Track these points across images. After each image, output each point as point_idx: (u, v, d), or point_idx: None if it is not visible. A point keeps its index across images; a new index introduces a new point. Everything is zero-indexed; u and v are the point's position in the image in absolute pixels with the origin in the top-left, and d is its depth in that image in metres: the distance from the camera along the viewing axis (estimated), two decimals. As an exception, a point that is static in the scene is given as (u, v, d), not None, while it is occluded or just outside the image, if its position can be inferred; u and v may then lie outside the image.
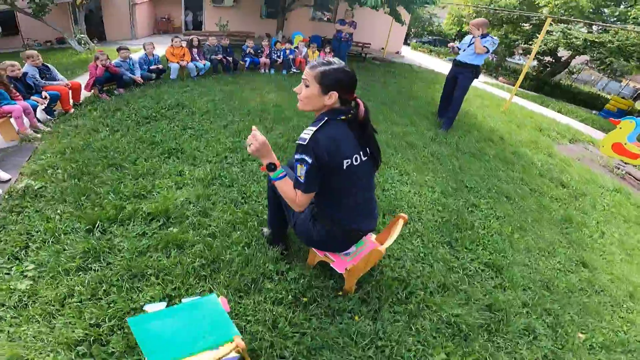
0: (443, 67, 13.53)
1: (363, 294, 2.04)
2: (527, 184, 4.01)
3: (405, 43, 18.55)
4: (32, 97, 4.01)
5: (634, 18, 10.81)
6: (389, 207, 2.96)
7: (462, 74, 4.97)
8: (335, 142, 1.51)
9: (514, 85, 13.16)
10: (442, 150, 4.39)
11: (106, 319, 1.68)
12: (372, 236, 2.18)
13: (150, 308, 1.65)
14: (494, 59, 17.54)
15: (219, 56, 6.56)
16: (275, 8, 12.10)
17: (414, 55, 16.55)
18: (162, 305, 1.69)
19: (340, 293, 2.01)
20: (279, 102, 5.23)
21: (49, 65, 4.60)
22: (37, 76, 4.36)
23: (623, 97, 13.87)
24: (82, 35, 9.56)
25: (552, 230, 3.21)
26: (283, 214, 2.01)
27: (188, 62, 6.08)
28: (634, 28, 9.63)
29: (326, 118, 1.52)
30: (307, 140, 1.48)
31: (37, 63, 4.39)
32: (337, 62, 1.53)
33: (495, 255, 2.62)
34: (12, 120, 3.57)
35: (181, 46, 6.07)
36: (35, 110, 3.98)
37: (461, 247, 2.65)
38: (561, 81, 18.30)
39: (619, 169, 5.47)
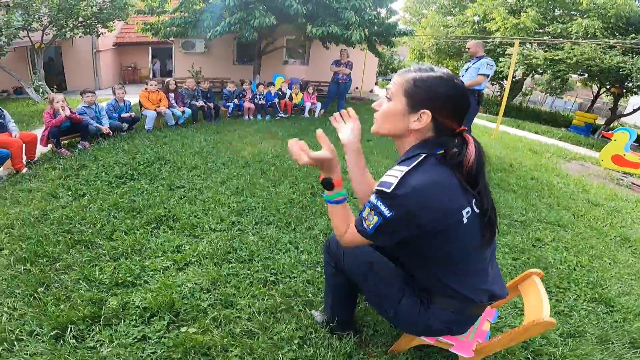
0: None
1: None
2: (565, 208, 3.78)
3: (374, 82, 19.22)
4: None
5: (575, 33, 11.65)
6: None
7: None
8: (441, 193, 0.99)
9: (482, 112, 13.80)
10: (471, 185, 4.03)
11: None
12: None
13: None
14: None
15: (200, 102, 6.00)
16: (247, 54, 12.01)
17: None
18: None
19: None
20: (278, 151, 4.67)
21: (2, 109, 3.75)
22: None
23: (586, 112, 14.73)
24: (40, 83, 8.72)
25: (621, 253, 2.99)
26: (351, 293, 1.53)
27: (166, 109, 5.45)
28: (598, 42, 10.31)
29: (423, 154, 1.01)
30: (392, 187, 0.97)
31: None
32: (442, 71, 1.04)
33: (596, 289, 2.34)
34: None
35: (157, 90, 5.45)
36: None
37: (554, 288, 2.32)
38: (522, 104, 19.47)
39: (623, 180, 5.47)
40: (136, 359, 1.47)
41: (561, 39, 11.64)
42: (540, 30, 14.01)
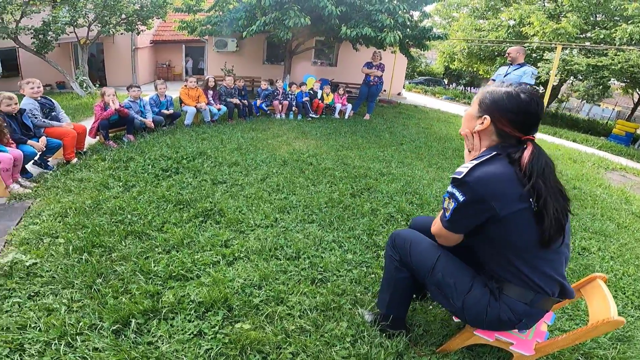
0: (445, 106, 13.61)
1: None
2: (610, 219, 3.69)
3: (400, 85, 19.03)
4: (29, 142, 3.22)
5: (619, 39, 11.08)
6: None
7: None
8: (505, 181, 1.14)
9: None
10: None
11: None
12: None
13: None
14: None
15: (236, 100, 6.14)
16: (276, 54, 12.15)
17: (412, 96, 16.74)
18: None
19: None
20: (313, 151, 4.70)
21: (53, 100, 3.88)
22: (38, 112, 3.56)
23: (627, 120, 13.99)
24: (84, 78, 9.12)
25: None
26: (410, 290, 1.56)
27: (206, 105, 5.60)
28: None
29: (494, 152, 1.19)
30: (462, 174, 1.16)
31: (36, 94, 3.59)
32: (514, 88, 1.20)
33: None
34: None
35: (196, 87, 5.61)
36: (30, 159, 3.22)
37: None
38: (557, 111, 18.74)
39: (664, 192, 5.17)
40: (194, 355, 1.47)
41: (604, 45, 11.14)
42: (582, 36, 13.46)
